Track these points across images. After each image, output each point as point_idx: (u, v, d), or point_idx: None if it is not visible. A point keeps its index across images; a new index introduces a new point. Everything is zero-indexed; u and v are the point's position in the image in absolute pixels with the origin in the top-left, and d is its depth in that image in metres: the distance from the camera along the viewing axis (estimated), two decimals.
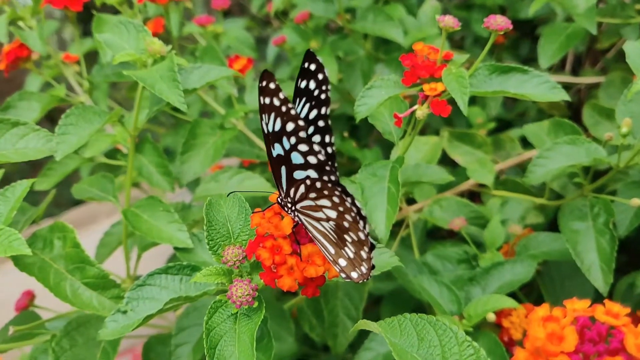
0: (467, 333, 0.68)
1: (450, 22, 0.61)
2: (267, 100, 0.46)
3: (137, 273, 0.82)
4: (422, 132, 1.12)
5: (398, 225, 0.92)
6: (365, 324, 0.48)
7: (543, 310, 0.40)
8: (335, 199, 0.46)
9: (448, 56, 0.65)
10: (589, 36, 1.13)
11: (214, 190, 0.78)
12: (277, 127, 0.46)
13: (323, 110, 0.51)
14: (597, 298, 0.76)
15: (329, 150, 0.51)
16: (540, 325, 0.38)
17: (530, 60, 1.36)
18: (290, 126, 0.46)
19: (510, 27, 0.60)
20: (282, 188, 0.49)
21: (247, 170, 0.81)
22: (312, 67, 0.50)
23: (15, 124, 0.61)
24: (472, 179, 0.91)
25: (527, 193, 0.90)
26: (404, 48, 1.05)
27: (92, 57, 1.12)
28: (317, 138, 0.51)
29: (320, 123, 0.51)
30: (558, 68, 1.31)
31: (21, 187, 0.60)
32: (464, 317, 0.70)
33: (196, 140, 0.82)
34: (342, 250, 0.47)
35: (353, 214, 0.46)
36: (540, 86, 0.63)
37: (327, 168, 0.48)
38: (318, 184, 0.46)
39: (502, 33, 0.60)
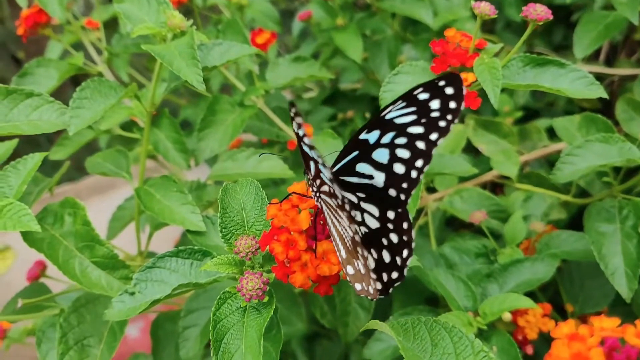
0: (481, 331, 0.67)
1: (487, 9, 0.58)
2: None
3: (149, 249, 0.81)
4: None
5: (417, 212, 0.90)
6: (376, 324, 0.47)
7: (568, 326, 0.38)
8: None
9: (481, 45, 0.62)
10: (627, 26, 1.08)
11: (230, 170, 0.76)
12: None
13: (433, 137, 0.45)
14: (618, 299, 0.74)
15: (413, 174, 0.46)
16: (564, 344, 0.35)
17: (564, 47, 1.31)
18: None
19: (551, 17, 0.57)
20: (310, 171, 0.45)
21: (265, 150, 0.78)
22: (449, 90, 0.44)
23: (29, 95, 0.59)
24: (495, 170, 0.88)
25: (552, 188, 0.86)
26: (432, 29, 1.02)
27: (115, 24, 1.10)
28: (405, 154, 0.46)
29: (419, 144, 0.46)
30: (591, 57, 1.26)
31: (33, 160, 0.59)
32: (478, 314, 0.68)
33: (215, 117, 0.80)
34: (354, 260, 0.45)
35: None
36: (577, 82, 0.60)
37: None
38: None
39: (541, 24, 0.57)
